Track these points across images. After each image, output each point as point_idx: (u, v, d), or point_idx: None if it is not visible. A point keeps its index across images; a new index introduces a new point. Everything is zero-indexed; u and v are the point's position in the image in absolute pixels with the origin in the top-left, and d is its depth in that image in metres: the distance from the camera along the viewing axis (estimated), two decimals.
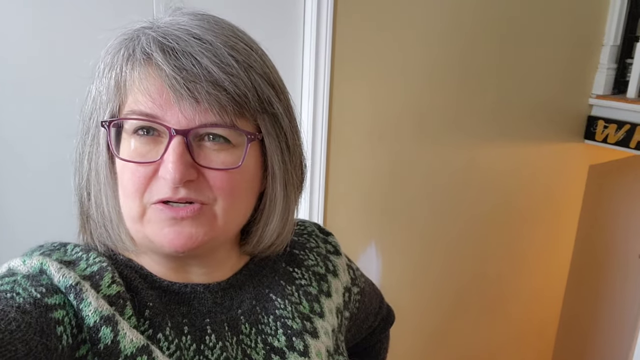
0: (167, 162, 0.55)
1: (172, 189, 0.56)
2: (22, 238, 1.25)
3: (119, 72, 0.57)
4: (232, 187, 0.59)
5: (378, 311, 0.93)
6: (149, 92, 0.55)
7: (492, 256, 2.26)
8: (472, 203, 2.08)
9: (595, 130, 2.32)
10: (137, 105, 0.56)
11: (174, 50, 0.55)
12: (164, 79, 0.54)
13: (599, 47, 2.26)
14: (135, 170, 0.57)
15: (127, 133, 0.58)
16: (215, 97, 0.55)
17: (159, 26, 0.58)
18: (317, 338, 0.68)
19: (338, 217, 1.73)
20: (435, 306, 2.13)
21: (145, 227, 0.58)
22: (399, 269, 1.96)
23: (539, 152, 2.23)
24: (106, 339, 0.52)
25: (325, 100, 1.56)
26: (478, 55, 1.88)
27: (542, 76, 2.10)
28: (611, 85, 2.30)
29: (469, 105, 1.92)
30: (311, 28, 1.49)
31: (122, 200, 0.59)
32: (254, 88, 0.57)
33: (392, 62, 1.69)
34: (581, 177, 2.51)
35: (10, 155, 1.21)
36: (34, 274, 0.55)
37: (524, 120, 2.12)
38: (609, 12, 2.22)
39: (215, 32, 0.57)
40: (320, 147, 1.60)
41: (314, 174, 1.62)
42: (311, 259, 0.76)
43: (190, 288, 0.63)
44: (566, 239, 2.60)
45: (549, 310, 2.70)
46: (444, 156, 1.91)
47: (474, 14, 1.81)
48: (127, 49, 0.57)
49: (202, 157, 0.57)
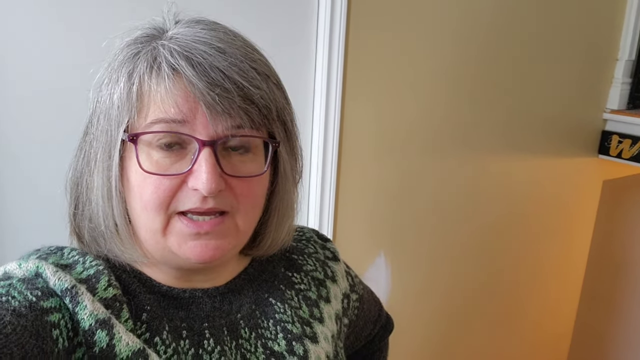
0: (200, 172, 0.55)
1: (201, 200, 0.57)
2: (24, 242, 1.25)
3: (139, 84, 0.57)
4: (254, 194, 0.61)
5: (377, 319, 0.92)
6: (178, 104, 0.55)
7: (502, 270, 2.24)
8: (483, 217, 2.07)
9: (610, 145, 2.30)
10: (165, 114, 0.56)
11: (202, 65, 0.55)
12: (197, 95, 0.55)
13: (614, 62, 2.25)
14: (160, 182, 0.57)
15: (145, 145, 0.57)
16: (245, 111, 0.56)
17: (174, 37, 0.58)
18: (317, 343, 0.68)
19: (348, 228, 1.73)
20: (443, 318, 2.12)
21: (167, 239, 0.59)
22: (408, 280, 1.95)
23: (552, 167, 2.21)
24: (102, 342, 0.53)
25: (337, 114, 1.57)
26: (491, 69, 1.87)
27: (556, 90, 2.09)
28: (626, 99, 2.28)
29: (480, 119, 1.91)
30: (324, 43, 1.50)
31: (139, 212, 0.59)
32: (275, 99, 0.59)
33: (403, 76, 1.69)
34: (595, 192, 2.49)
35: (11, 156, 1.21)
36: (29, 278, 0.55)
37: (537, 134, 2.10)
38: (623, 26, 2.21)
39: (233, 44, 0.58)
40: (331, 160, 1.61)
41: (325, 186, 1.63)
42: (310, 264, 0.76)
43: (188, 293, 0.64)
44: (579, 254, 2.57)
45: (562, 325, 2.66)
46: (454, 169, 1.91)
47: (487, 28, 1.82)
48: (147, 61, 0.57)
49: (229, 167, 0.58)
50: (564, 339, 2.71)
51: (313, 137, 1.59)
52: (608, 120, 2.29)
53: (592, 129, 2.29)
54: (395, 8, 1.60)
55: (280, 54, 0.98)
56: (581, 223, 2.49)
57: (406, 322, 1.97)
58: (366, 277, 1.82)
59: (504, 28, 1.86)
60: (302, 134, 1.55)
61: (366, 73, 1.60)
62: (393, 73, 1.67)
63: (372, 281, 1.84)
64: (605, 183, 2.49)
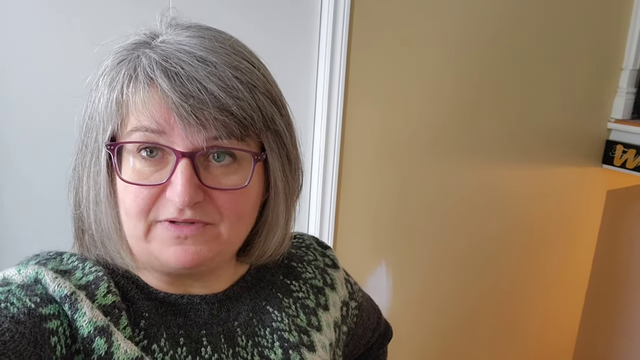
0: (176, 184, 0.55)
1: (178, 211, 0.56)
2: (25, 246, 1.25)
3: (119, 93, 0.56)
4: (238, 207, 0.59)
5: (376, 327, 0.92)
6: (153, 116, 0.55)
7: (504, 280, 2.23)
8: (485, 226, 2.06)
9: (614, 155, 2.29)
10: (141, 124, 0.55)
11: (179, 75, 0.54)
12: (171, 106, 0.54)
13: (619, 71, 2.24)
14: (139, 192, 0.56)
15: (128, 153, 0.57)
16: (222, 122, 0.55)
17: (158, 46, 0.57)
18: (314, 352, 0.68)
19: (349, 236, 1.72)
20: (443, 328, 2.11)
21: (150, 244, 0.58)
22: (409, 288, 1.95)
23: (555, 176, 2.21)
24: (100, 350, 0.53)
25: (339, 120, 1.56)
26: (495, 76, 1.87)
27: (560, 99, 2.09)
28: (630, 109, 2.28)
29: (484, 127, 1.91)
30: (326, 46, 1.50)
31: (124, 219, 0.59)
32: (259, 108, 0.57)
33: (407, 82, 1.69)
34: (599, 202, 2.48)
35: (10, 160, 1.21)
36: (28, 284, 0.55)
37: (541, 143, 2.10)
38: (628, 36, 2.21)
39: (217, 52, 0.57)
40: (333, 167, 1.60)
41: (325, 194, 1.62)
42: (309, 271, 0.76)
43: (186, 299, 0.63)
44: (582, 264, 2.56)
45: (564, 337, 2.65)
46: (457, 177, 1.91)
47: (491, 35, 1.82)
48: (127, 70, 0.57)
49: (209, 179, 0.57)
50: (566, 351, 2.69)
51: (314, 143, 1.58)
52: (612, 130, 2.29)
53: (596, 139, 2.28)
54: (398, 10, 1.61)
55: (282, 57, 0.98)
56: (584, 233, 2.48)
57: (406, 331, 1.96)
58: (367, 285, 1.81)
59: (508, 35, 1.86)
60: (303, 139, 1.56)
61: (369, 75, 1.60)
62: (396, 77, 1.66)
63: (373, 290, 1.84)
64: (609, 193, 2.48)
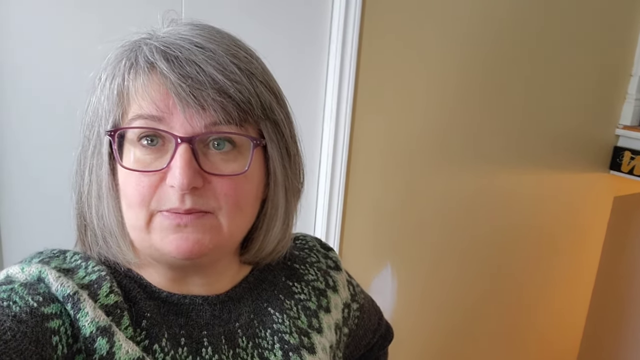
0: (175, 168, 0.55)
1: (180, 199, 0.56)
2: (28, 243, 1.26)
3: (121, 82, 0.58)
4: (238, 194, 0.59)
5: (377, 328, 0.92)
6: (154, 99, 0.56)
7: (509, 284, 2.22)
8: (491, 230, 2.06)
9: (622, 162, 2.28)
10: (142, 110, 0.56)
11: (178, 58, 0.55)
12: (169, 87, 0.55)
13: (627, 78, 2.23)
14: (140, 179, 0.57)
15: (130, 143, 0.58)
16: (221, 104, 0.55)
17: (159, 36, 0.59)
18: (314, 354, 0.68)
19: (355, 239, 1.72)
20: (446, 331, 2.10)
21: (151, 235, 0.58)
22: (414, 290, 1.94)
23: (562, 181, 2.20)
24: (102, 350, 0.53)
25: (347, 125, 1.57)
26: (503, 82, 1.87)
27: (568, 105, 2.08)
28: (639, 116, 2.26)
29: (491, 133, 1.90)
30: (336, 53, 1.51)
31: (125, 210, 0.59)
32: (257, 94, 0.58)
33: (414, 88, 1.69)
34: (606, 208, 2.46)
35: (16, 157, 1.22)
36: (31, 282, 0.55)
37: (548, 148, 2.09)
38: (637, 42, 2.19)
39: (216, 41, 0.58)
40: (340, 170, 1.61)
41: (333, 197, 1.63)
42: (311, 273, 0.76)
43: (189, 299, 0.63)
44: (588, 270, 2.54)
45: (569, 342, 2.63)
46: (463, 181, 1.90)
47: (499, 42, 1.81)
48: (128, 59, 0.58)
49: (209, 165, 0.57)
50: (570, 355, 2.68)
51: (322, 147, 1.59)
52: (620, 136, 2.27)
53: (604, 145, 2.27)
54: (408, 18, 1.61)
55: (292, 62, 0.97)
56: (591, 239, 2.47)
57: (408, 333, 1.96)
58: (372, 287, 1.82)
59: (515, 41, 1.85)
60: (311, 143, 1.57)
61: (377, 82, 1.61)
62: (403, 83, 1.67)
63: (378, 292, 1.84)
64: (616, 199, 2.46)
